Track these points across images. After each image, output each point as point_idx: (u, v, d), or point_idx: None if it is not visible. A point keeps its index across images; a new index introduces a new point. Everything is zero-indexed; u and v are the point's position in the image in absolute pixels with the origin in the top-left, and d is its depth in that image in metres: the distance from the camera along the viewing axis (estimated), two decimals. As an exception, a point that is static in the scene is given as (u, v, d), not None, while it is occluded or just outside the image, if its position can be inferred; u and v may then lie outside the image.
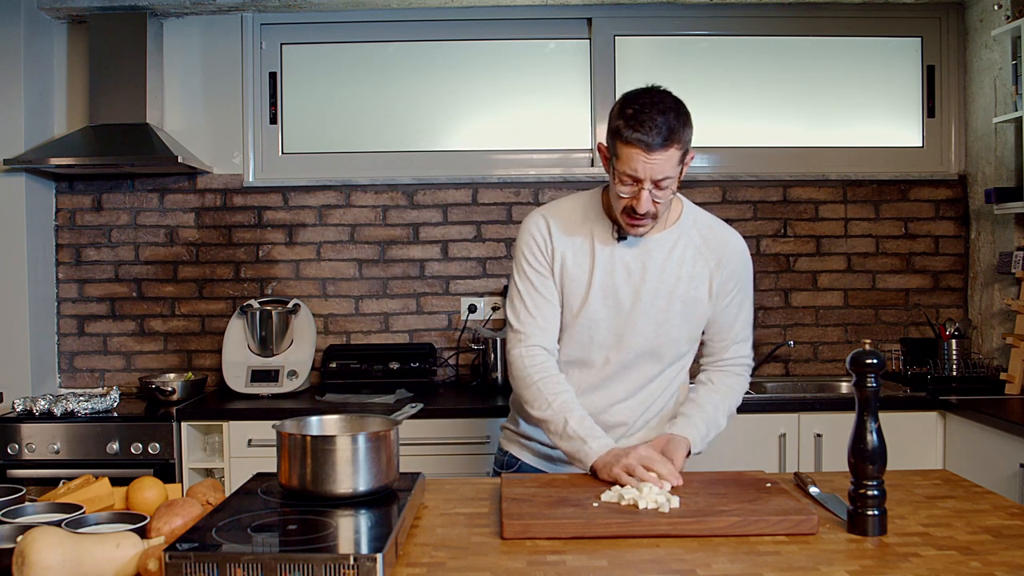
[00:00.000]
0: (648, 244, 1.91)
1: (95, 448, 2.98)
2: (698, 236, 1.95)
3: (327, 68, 3.70)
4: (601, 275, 1.90)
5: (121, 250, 3.63)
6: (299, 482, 1.47)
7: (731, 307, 1.98)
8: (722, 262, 1.95)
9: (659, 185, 1.77)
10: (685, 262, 1.93)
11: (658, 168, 1.75)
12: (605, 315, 1.91)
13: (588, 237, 1.92)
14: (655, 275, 1.91)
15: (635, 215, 1.81)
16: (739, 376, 2.04)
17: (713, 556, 1.34)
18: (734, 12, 3.62)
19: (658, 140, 1.72)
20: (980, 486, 1.74)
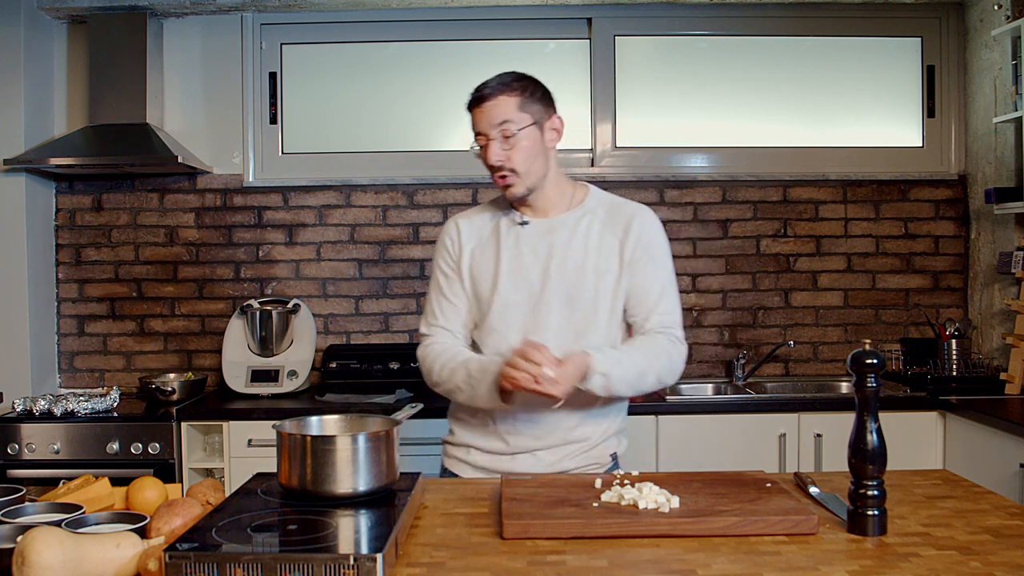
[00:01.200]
0: (552, 224, 1.96)
1: (95, 448, 2.98)
2: (603, 212, 1.98)
3: (327, 68, 3.70)
4: (508, 259, 1.95)
5: (121, 250, 3.63)
6: (299, 482, 1.47)
7: (643, 275, 1.94)
8: (629, 231, 1.95)
9: (505, 134, 1.89)
10: (592, 236, 1.94)
11: (492, 115, 1.89)
12: (517, 298, 1.92)
13: (495, 227, 2.00)
14: (561, 251, 1.93)
15: (497, 172, 1.91)
16: (663, 336, 1.93)
17: (713, 556, 1.34)
18: (734, 12, 3.62)
19: (486, 91, 1.92)
20: (980, 486, 1.74)
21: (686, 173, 3.63)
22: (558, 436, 1.94)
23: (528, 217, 1.98)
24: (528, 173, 1.91)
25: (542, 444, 1.94)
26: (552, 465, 1.94)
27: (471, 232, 2.01)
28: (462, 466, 2.03)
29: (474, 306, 1.99)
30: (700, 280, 3.63)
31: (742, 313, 3.63)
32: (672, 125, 3.70)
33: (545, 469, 1.92)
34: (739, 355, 3.52)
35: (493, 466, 1.97)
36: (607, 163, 3.65)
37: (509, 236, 1.97)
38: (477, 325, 2.00)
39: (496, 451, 1.96)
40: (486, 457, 1.98)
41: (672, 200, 3.63)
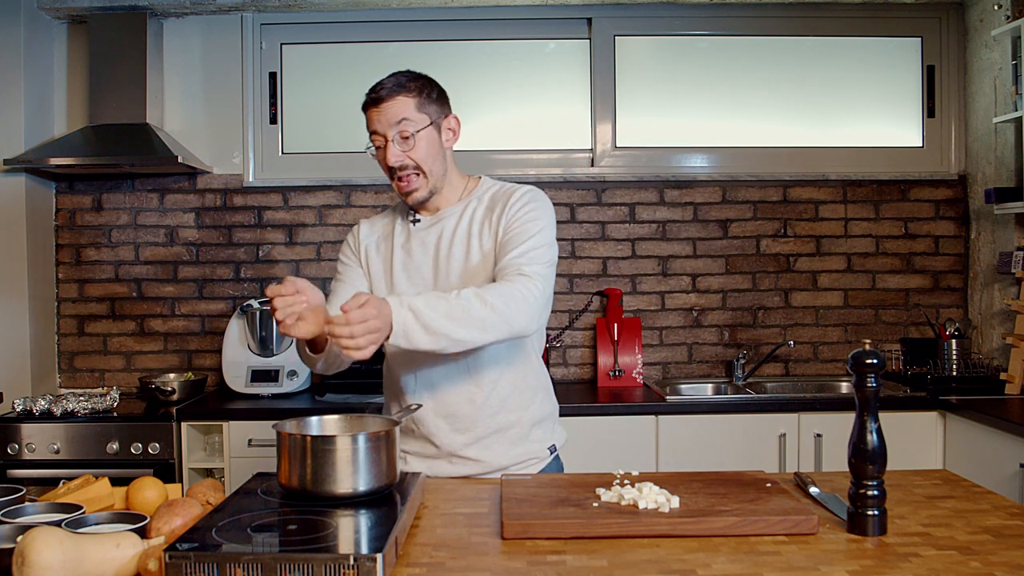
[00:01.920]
0: (440, 216, 1.97)
1: (95, 448, 2.98)
2: (488, 198, 1.98)
3: (327, 68, 3.70)
4: (401, 255, 1.96)
5: (121, 250, 3.63)
6: (299, 482, 1.47)
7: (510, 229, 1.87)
8: (507, 205, 1.91)
9: (403, 134, 1.88)
10: (476, 220, 1.94)
11: (390, 115, 1.88)
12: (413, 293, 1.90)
13: (391, 227, 2.02)
14: (448, 243, 1.93)
15: (396, 173, 1.89)
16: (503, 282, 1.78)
17: (713, 556, 1.34)
18: (734, 12, 3.62)
19: (383, 92, 1.90)
20: (980, 486, 1.74)
21: (686, 173, 3.63)
22: (481, 427, 1.90)
23: (419, 215, 1.99)
24: (430, 173, 1.91)
25: (468, 439, 1.91)
26: (490, 463, 1.91)
27: (370, 232, 2.04)
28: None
29: None
30: (700, 280, 3.63)
31: (742, 313, 3.63)
32: (672, 125, 3.70)
33: (484, 470, 1.90)
34: (739, 355, 3.52)
35: (432, 471, 1.93)
36: (607, 163, 3.65)
37: (401, 235, 1.99)
38: None
39: (428, 454, 1.94)
40: (423, 463, 1.95)
41: (672, 200, 3.63)
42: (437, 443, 1.92)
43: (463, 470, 1.92)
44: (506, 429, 1.93)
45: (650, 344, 3.62)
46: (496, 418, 1.92)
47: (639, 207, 3.63)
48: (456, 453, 1.92)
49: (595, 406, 3.05)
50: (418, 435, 1.95)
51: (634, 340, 3.50)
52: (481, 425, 1.91)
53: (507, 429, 1.93)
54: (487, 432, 1.92)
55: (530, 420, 1.96)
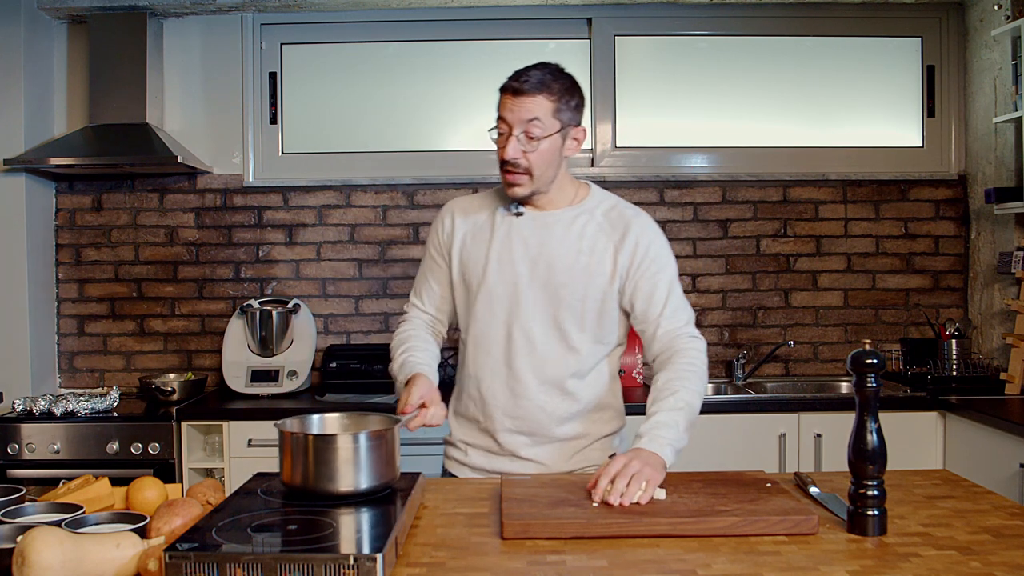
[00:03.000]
0: (548, 219, 1.93)
1: (95, 448, 2.98)
2: (601, 214, 1.95)
3: (327, 68, 3.70)
4: (498, 248, 1.93)
5: (121, 250, 3.63)
6: (301, 480, 1.47)
7: (645, 280, 1.90)
8: (626, 236, 1.91)
9: (529, 133, 1.83)
10: (585, 236, 1.92)
11: (524, 110, 1.82)
12: (502, 289, 1.91)
13: (490, 216, 1.98)
14: (552, 248, 1.91)
15: (507, 166, 1.85)
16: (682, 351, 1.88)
17: (713, 556, 1.34)
18: (734, 12, 3.62)
19: (525, 85, 1.83)
20: (980, 486, 1.74)
21: (686, 173, 3.63)
22: (548, 434, 1.93)
23: (524, 208, 1.95)
24: (539, 178, 1.88)
25: (533, 442, 1.93)
26: (550, 467, 1.93)
27: (464, 219, 2.00)
28: (460, 467, 2.02)
29: (461, 291, 1.98)
30: (700, 280, 3.63)
31: (742, 313, 3.63)
32: (672, 125, 3.70)
33: (543, 471, 1.92)
34: (739, 355, 3.52)
35: (490, 467, 1.96)
36: (607, 163, 3.65)
37: (502, 226, 1.95)
38: (462, 311, 1.99)
39: (492, 450, 1.96)
40: (483, 457, 1.98)
41: (672, 200, 3.63)
42: (501, 442, 1.94)
43: (523, 469, 1.92)
44: (574, 438, 1.94)
45: (650, 344, 3.62)
46: (563, 428, 1.93)
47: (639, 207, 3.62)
48: (517, 453, 1.94)
49: (595, 406, 3.04)
50: (482, 428, 1.96)
51: (634, 340, 3.49)
52: (548, 434, 1.93)
53: (575, 438, 1.95)
54: (553, 439, 1.93)
55: (597, 434, 1.98)
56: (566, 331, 1.90)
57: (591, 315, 1.91)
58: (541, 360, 1.90)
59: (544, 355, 1.90)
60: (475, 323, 1.94)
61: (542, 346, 1.90)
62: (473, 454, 1.99)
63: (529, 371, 1.90)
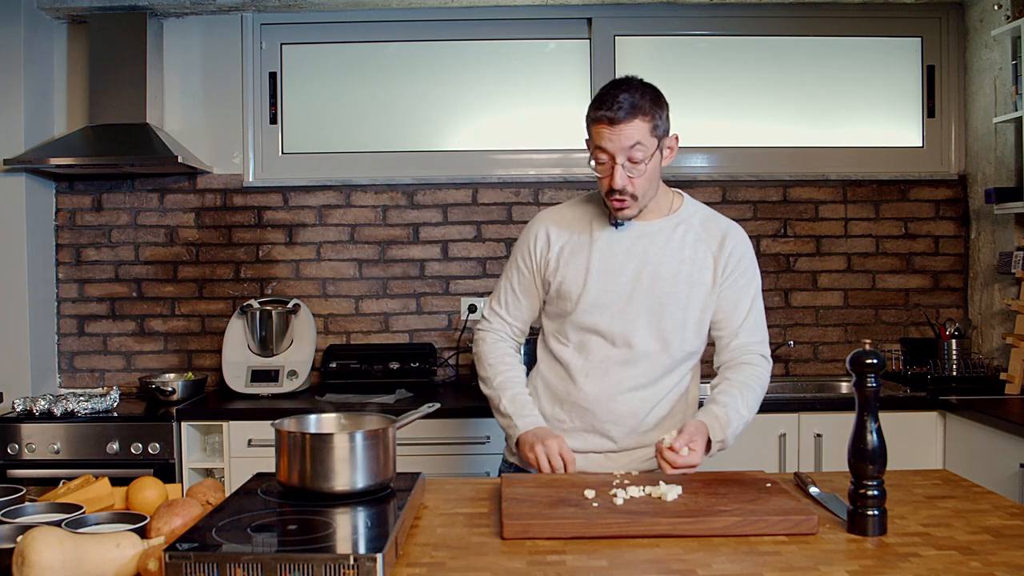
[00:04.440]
0: (648, 229, 1.95)
1: (95, 448, 2.98)
2: (699, 224, 1.97)
3: (327, 68, 3.70)
4: (599, 260, 1.93)
5: (121, 250, 3.63)
6: (298, 479, 1.48)
7: (733, 290, 1.95)
8: (724, 245, 1.95)
9: (632, 159, 1.83)
10: (687, 246, 1.94)
11: (624, 138, 1.82)
12: (606, 299, 1.92)
13: (587, 227, 1.98)
14: (655, 258, 1.92)
15: (615, 195, 1.86)
16: (751, 365, 1.95)
17: (713, 556, 1.34)
18: (734, 12, 3.62)
19: (620, 113, 1.82)
20: (980, 486, 1.74)
21: (686, 173, 3.63)
22: (634, 439, 1.96)
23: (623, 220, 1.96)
24: (644, 197, 1.89)
25: (617, 447, 1.96)
26: (625, 467, 1.93)
27: (560, 232, 2.00)
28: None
29: (557, 303, 1.98)
30: (700, 280, 3.63)
31: (742, 313, 3.63)
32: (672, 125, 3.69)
33: (615, 469, 1.90)
34: (739, 355, 3.52)
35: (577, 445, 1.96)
36: (607, 163, 3.65)
37: (602, 236, 1.96)
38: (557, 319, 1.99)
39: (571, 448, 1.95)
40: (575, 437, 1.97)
41: (672, 200, 3.62)
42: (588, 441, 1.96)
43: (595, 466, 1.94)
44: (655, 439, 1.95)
45: (650, 344, 3.62)
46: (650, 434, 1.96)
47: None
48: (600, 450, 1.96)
49: (595, 406, 3.04)
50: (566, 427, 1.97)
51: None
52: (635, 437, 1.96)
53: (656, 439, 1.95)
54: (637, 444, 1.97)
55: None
56: (667, 340, 1.93)
57: (691, 325, 1.94)
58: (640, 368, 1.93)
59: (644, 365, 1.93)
60: (575, 331, 1.96)
61: (643, 355, 1.93)
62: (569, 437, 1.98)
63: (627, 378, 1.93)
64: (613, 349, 1.93)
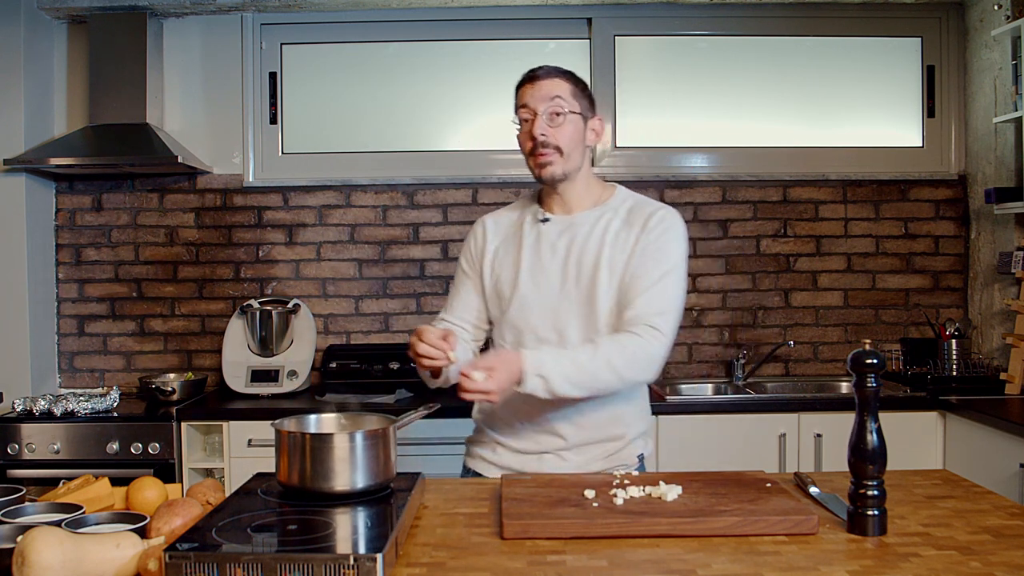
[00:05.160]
0: (573, 220, 1.96)
1: (95, 448, 2.98)
2: (625, 211, 1.96)
3: (327, 68, 3.70)
4: (528, 257, 1.95)
5: (121, 250, 3.63)
6: (298, 479, 1.48)
7: (644, 260, 1.88)
8: (647, 225, 1.91)
9: (555, 111, 1.88)
10: (610, 231, 1.93)
11: (545, 91, 1.89)
12: (537, 296, 1.92)
13: (518, 226, 2.01)
14: (579, 248, 1.92)
15: (538, 148, 1.88)
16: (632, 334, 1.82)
17: (713, 556, 1.34)
18: (734, 12, 3.62)
19: (542, 71, 1.92)
20: (980, 486, 1.74)
21: (686, 173, 3.63)
22: (586, 435, 1.94)
23: (550, 214, 1.98)
24: (569, 156, 1.90)
25: (569, 444, 1.93)
26: (580, 466, 1.92)
27: (496, 230, 2.04)
28: (487, 466, 2.01)
29: (494, 302, 2.00)
30: (700, 280, 3.63)
31: (742, 313, 3.63)
32: (672, 125, 3.70)
33: (573, 470, 1.91)
34: (739, 355, 3.52)
35: (519, 466, 1.95)
36: (607, 163, 3.65)
37: (531, 234, 1.98)
38: (496, 321, 2.01)
39: (524, 450, 1.95)
40: (513, 457, 1.97)
41: (672, 200, 3.63)
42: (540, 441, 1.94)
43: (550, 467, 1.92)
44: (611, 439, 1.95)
45: (650, 344, 3.62)
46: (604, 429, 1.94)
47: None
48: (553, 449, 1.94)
49: (595, 406, 3.04)
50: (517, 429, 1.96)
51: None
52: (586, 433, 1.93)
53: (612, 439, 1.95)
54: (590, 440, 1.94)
55: (634, 433, 1.98)
56: (600, 329, 1.90)
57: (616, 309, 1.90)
58: None
59: None
60: (511, 331, 1.96)
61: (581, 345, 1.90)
62: (504, 453, 1.98)
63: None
64: (547, 344, 1.90)
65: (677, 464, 2.98)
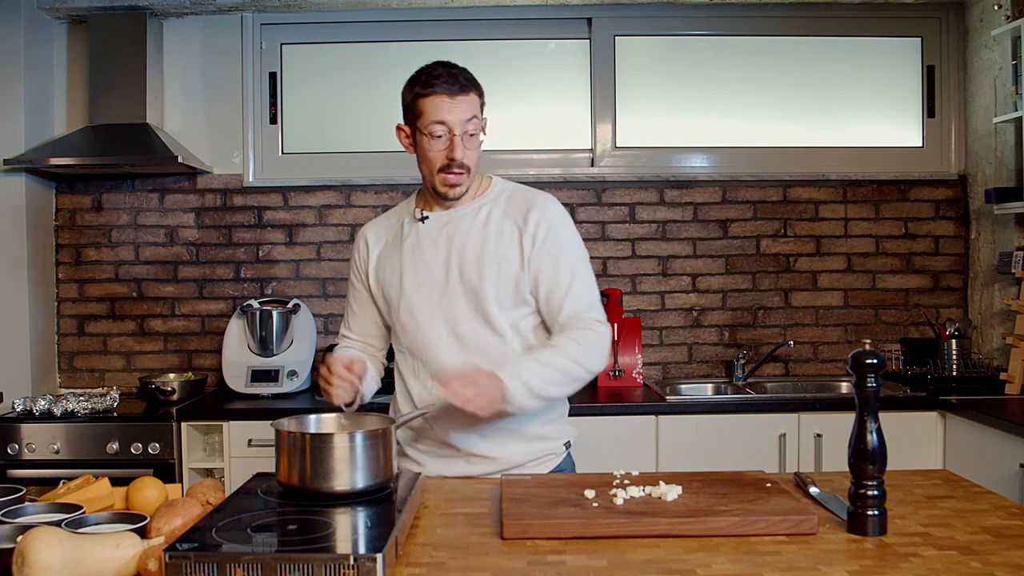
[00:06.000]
0: (452, 215, 1.94)
1: (95, 448, 2.98)
2: (504, 200, 1.95)
3: (327, 68, 3.70)
4: (411, 259, 1.94)
5: (121, 250, 3.63)
6: (298, 479, 1.48)
7: (545, 259, 1.89)
8: (528, 220, 1.91)
9: (468, 131, 1.86)
10: (491, 223, 1.92)
11: (463, 110, 1.85)
12: (422, 294, 1.91)
13: (398, 231, 1.99)
14: (461, 242, 1.91)
15: (453, 168, 1.86)
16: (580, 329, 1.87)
17: (713, 556, 1.34)
18: (734, 12, 3.62)
19: (456, 86, 1.86)
20: (980, 486, 1.74)
21: (686, 173, 3.63)
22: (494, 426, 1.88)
23: (427, 212, 1.97)
24: (473, 174, 1.92)
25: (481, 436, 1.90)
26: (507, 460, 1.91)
27: (377, 238, 2.02)
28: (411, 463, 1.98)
29: (385, 309, 1.99)
30: (700, 280, 3.63)
31: (742, 313, 3.63)
32: (672, 125, 3.70)
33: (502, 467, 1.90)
34: (739, 355, 3.52)
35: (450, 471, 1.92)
36: (607, 163, 3.65)
37: (411, 234, 1.96)
38: (392, 326, 1.99)
39: (445, 454, 1.93)
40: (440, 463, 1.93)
41: (672, 200, 3.63)
42: (452, 443, 1.91)
43: (481, 469, 1.91)
44: (519, 428, 1.92)
45: (650, 344, 3.62)
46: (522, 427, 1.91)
47: (639, 207, 3.63)
48: (472, 452, 1.91)
49: (595, 406, 3.05)
50: (433, 436, 1.93)
51: (634, 340, 3.49)
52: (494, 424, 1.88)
53: (520, 428, 1.92)
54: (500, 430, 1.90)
55: (544, 419, 1.95)
56: (490, 320, 1.89)
57: (507, 303, 1.90)
58: (474, 353, 1.89)
59: (475, 348, 1.89)
60: (404, 334, 1.95)
61: (472, 339, 1.89)
62: (430, 463, 1.95)
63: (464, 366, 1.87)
64: (443, 342, 1.89)
65: (677, 464, 2.98)
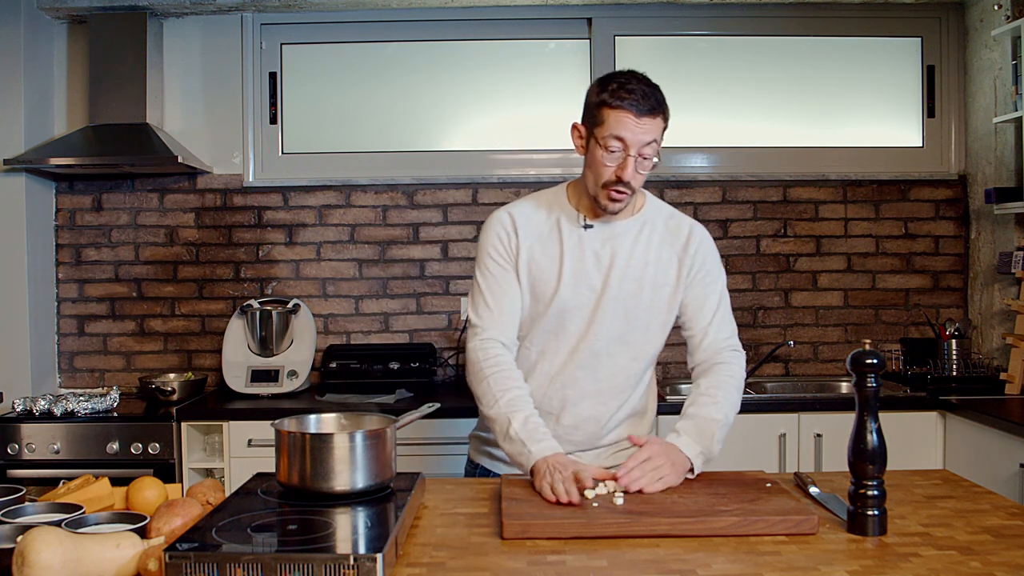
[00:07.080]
0: (615, 230, 1.91)
1: (95, 448, 2.98)
2: (662, 224, 1.96)
3: (327, 68, 3.70)
4: (571, 262, 1.89)
5: (121, 250, 3.63)
6: (298, 479, 1.48)
7: (699, 288, 1.93)
8: (688, 245, 1.94)
9: (643, 155, 1.81)
10: (652, 247, 1.92)
11: (646, 132, 1.79)
12: (576, 303, 1.89)
13: (555, 227, 1.92)
14: (623, 260, 1.90)
15: (618, 186, 1.81)
16: (724, 364, 1.92)
17: (713, 556, 1.34)
18: (734, 12, 3.62)
19: (646, 107, 1.78)
20: (980, 486, 1.74)
21: (686, 173, 3.63)
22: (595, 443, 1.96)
23: (591, 220, 1.91)
24: (636, 194, 1.89)
25: (579, 448, 1.95)
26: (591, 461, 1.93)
27: (528, 227, 1.91)
28: (495, 462, 2.00)
29: (528, 303, 1.92)
30: (700, 280, 3.63)
31: (742, 313, 3.63)
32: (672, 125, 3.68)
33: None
34: (739, 355, 3.52)
35: None
36: (607, 163, 3.65)
37: (572, 237, 1.90)
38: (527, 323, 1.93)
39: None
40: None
41: (672, 200, 3.60)
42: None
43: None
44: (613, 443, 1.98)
45: (650, 344, 3.62)
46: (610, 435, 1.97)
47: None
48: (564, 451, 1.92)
49: (595, 406, 3.04)
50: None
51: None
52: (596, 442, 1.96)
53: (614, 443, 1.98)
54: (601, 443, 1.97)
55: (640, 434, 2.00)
56: (630, 343, 1.91)
57: (655, 328, 1.93)
58: (604, 371, 1.92)
59: (608, 367, 1.92)
60: (543, 335, 1.92)
61: (606, 358, 1.91)
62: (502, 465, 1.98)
63: (591, 381, 1.91)
64: (578, 352, 1.90)
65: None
